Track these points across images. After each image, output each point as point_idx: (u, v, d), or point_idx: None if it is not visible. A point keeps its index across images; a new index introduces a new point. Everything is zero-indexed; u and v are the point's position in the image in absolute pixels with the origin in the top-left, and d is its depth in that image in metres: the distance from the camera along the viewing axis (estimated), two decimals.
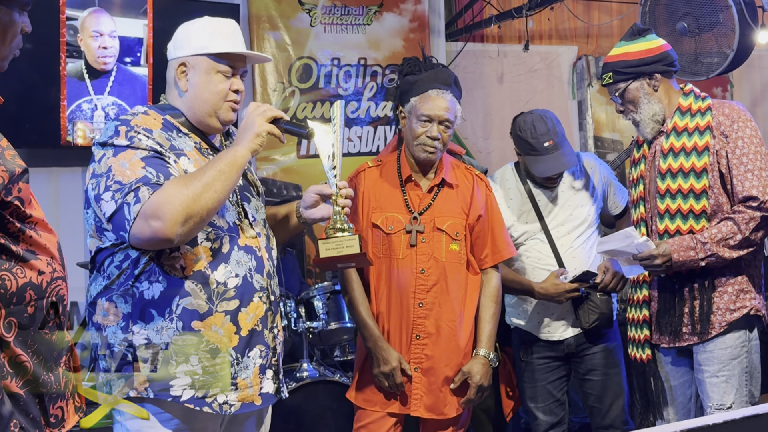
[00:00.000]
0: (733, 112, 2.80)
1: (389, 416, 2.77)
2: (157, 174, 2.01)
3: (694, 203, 2.76)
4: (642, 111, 2.88)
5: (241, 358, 2.14)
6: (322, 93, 5.39)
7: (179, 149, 2.12)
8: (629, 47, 2.92)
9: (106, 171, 2.02)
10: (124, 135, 2.05)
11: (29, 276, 1.59)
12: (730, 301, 2.77)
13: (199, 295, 2.08)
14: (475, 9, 5.84)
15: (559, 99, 6.09)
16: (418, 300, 2.75)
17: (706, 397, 2.80)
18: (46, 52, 4.30)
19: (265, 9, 5.26)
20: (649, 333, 2.90)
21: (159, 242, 1.99)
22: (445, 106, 2.76)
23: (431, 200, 2.80)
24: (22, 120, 4.31)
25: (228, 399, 2.12)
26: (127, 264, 2.07)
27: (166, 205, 1.94)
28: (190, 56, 2.18)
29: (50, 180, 4.66)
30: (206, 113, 2.19)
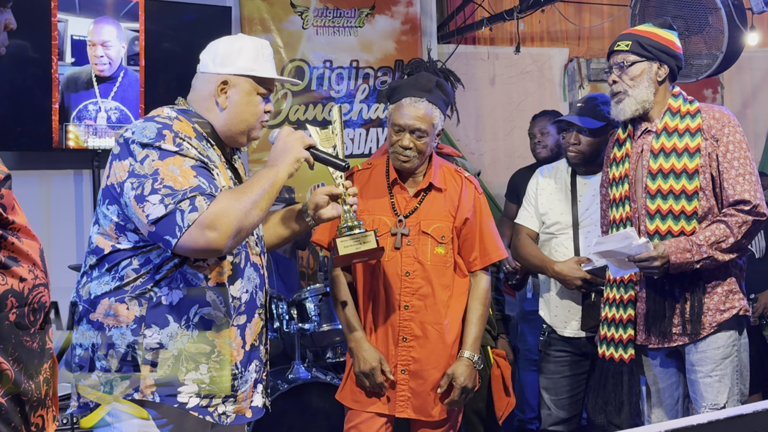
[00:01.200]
0: (723, 117, 2.80)
1: (378, 416, 2.77)
2: (209, 185, 2.04)
3: (686, 204, 2.75)
4: (636, 90, 2.84)
5: (243, 372, 2.18)
6: (315, 95, 5.39)
7: (212, 161, 2.16)
8: (658, 31, 2.89)
9: (151, 173, 2.01)
10: (171, 140, 2.06)
11: (10, 283, 1.58)
12: (720, 302, 2.78)
13: (218, 307, 2.12)
14: (467, 11, 5.85)
15: (550, 101, 6.11)
16: (403, 303, 2.75)
17: (700, 397, 2.80)
18: (37, 56, 4.30)
19: (257, 11, 5.26)
20: (634, 333, 2.88)
21: (209, 252, 2.03)
22: (417, 114, 2.72)
23: (417, 204, 2.80)
24: (13, 123, 4.31)
25: (226, 410, 2.15)
26: (147, 268, 2.08)
27: (223, 217, 1.98)
28: (233, 75, 2.22)
29: (42, 183, 4.66)
30: (241, 131, 2.25)
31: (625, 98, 2.86)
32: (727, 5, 3.80)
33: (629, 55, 2.86)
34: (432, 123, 2.75)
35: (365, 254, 2.52)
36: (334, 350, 4.17)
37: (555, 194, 3.51)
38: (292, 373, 3.84)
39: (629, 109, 2.85)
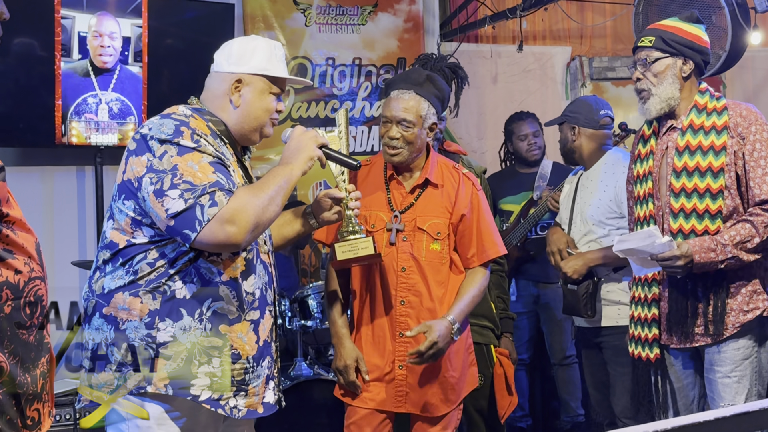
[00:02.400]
0: (750, 114, 2.77)
1: (378, 412, 2.78)
2: (227, 180, 2.08)
3: (710, 203, 2.72)
4: (661, 87, 2.81)
5: (255, 367, 2.21)
6: (317, 93, 5.39)
7: (227, 158, 2.19)
8: (683, 25, 2.85)
9: (170, 168, 2.05)
10: (189, 137, 2.10)
11: (5, 275, 1.59)
12: (744, 303, 2.74)
13: (231, 301, 2.15)
14: (470, 9, 5.84)
15: (552, 99, 6.10)
16: (400, 298, 2.75)
17: (718, 397, 2.77)
18: (40, 53, 4.30)
19: (260, 9, 5.26)
20: (658, 332, 2.86)
21: (228, 246, 2.07)
22: (402, 106, 2.73)
23: (414, 200, 2.80)
24: (16, 120, 4.31)
25: (237, 404, 2.17)
26: (162, 262, 2.11)
27: (242, 212, 2.03)
28: (247, 74, 2.26)
29: (44, 179, 4.66)
30: (253, 128, 2.29)
31: (650, 97, 2.83)
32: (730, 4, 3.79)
33: (653, 51, 2.83)
34: (420, 114, 2.74)
35: (363, 259, 2.59)
36: None
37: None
38: (295, 369, 3.84)
39: (654, 108, 2.83)
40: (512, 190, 4.73)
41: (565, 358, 4.64)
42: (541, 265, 4.60)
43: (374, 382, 2.78)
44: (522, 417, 4.70)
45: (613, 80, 6.24)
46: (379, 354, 2.78)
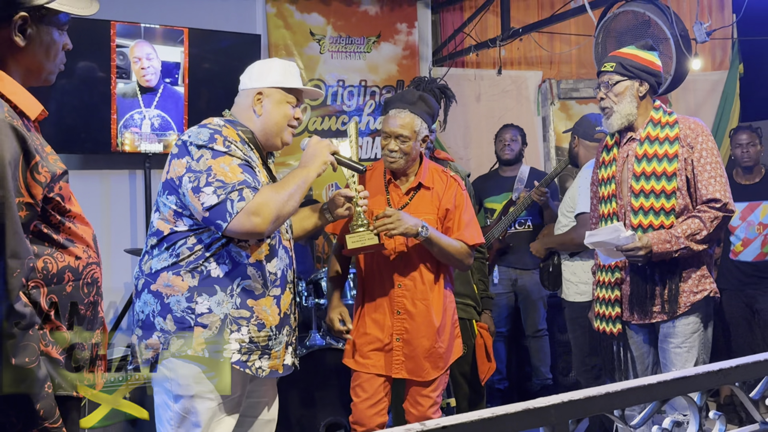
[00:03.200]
0: (698, 127, 2.77)
1: (378, 376, 2.78)
2: (254, 180, 2.11)
3: (665, 202, 2.72)
4: (621, 105, 2.81)
5: (277, 335, 2.22)
6: (330, 109, 5.39)
7: (254, 161, 2.21)
8: (639, 52, 2.86)
9: (206, 169, 2.07)
10: (222, 143, 2.12)
11: (68, 260, 1.61)
12: (694, 285, 2.75)
13: (257, 279, 2.17)
14: (457, 40, 5.84)
15: (526, 115, 6.09)
16: (397, 282, 2.76)
17: (670, 364, 2.78)
18: (100, 75, 4.31)
19: (282, 39, 5.26)
20: (620, 311, 2.86)
21: (254, 234, 2.09)
22: (399, 123, 2.72)
23: (408, 200, 2.80)
24: (78, 131, 4.32)
25: (262, 365, 2.19)
26: (199, 247, 2.13)
27: (265, 206, 2.05)
28: (266, 87, 2.29)
29: (102, 181, 4.67)
30: (274, 134, 2.30)
31: (612, 114, 2.84)
32: (675, 36, 3.79)
33: (614, 75, 2.83)
34: (414, 130, 2.74)
35: (369, 248, 2.60)
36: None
37: None
38: (310, 340, 3.84)
39: (616, 123, 2.84)
40: (495, 190, 4.74)
41: (538, 331, 4.66)
42: (519, 255, 4.61)
43: (375, 351, 2.78)
44: (500, 380, 4.71)
45: (577, 99, 6.23)
46: (379, 328, 2.78)
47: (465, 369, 3.37)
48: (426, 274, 2.77)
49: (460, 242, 2.75)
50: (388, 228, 2.58)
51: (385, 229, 2.58)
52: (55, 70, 1.70)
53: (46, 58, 1.65)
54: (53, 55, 1.67)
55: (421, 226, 2.62)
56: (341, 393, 3.50)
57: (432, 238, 2.65)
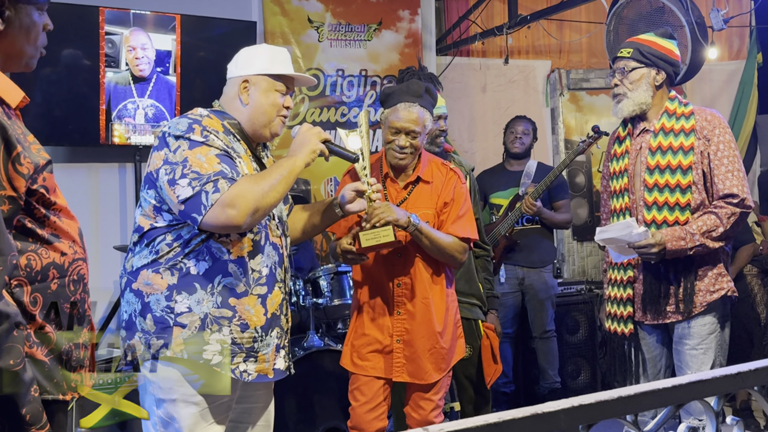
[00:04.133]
0: (714, 119, 2.76)
1: (377, 380, 2.78)
2: (231, 170, 2.07)
3: (680, 197, 2.71)
4: (635, 93, 2.79)
5: (264, 336, 2.19)
6: (328, 100, 5.39)
7: (237, 152, 2.18)
8: (658, 40, 2.85)
9: (182, 160, 2.06)
10: (199, 133, 2.10)
11: (53, 257, 1.60)
12: (710, 284, 2.74)
13: (239, 277, 2.13)
14: (462, 27, 5.83)
15: (534, 107, 6.09)
16: (397, 281, 2.75)
17: (686, 366, 2.77)
18: (88, 64, 4.30)
19: (278, 26, 5.25)
20: (632, 310, 2.85)
21: (230, 228, 2.06)
22: (411, 118, 2.70)
23: (407, 194, 2.79)
24: (65, 122, 4.31)
25: (247, 369, 2.16)
26: (178, 243, 2.11)
27: (241, 197, 2.01)
28: (252, 75, 2.26)
29: (90, 175, 4.66)
30: (263, 124, 2.26)
31: (623, 99, 2.82)
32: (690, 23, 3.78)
33: (630, 61, 2.82)
34: (424, 125, 2.74)
35: (383, 246, 2.57)
36: (344, 322, 4.18)
37: None
38: (307, 341, 3.84)
39: (626, 109, 2.82)
40: (501, 186, 4.74)
41: (545, 332, 4.65)
42: (526, 252, 4.62)
43: (375, 353, 2.77)
44: (506, 383, 4.71)
45: (588, 90, 6.23)
46: (379, 329, 2.78)
47: (470, 371, 3.37)
48: (426, 272, 2.76)
49: (452, 237, 2.74)
50: (377, 215, 2.54)
51: (376, 216, 2.54)
52: (36, 54, 1.66)
53: (27, 41, 1.62)
54: (34, 37, 1.64)
55: (409, 217, 2.61)
56: (340, 396, 3.51)
57: (422, 230, 2.64)
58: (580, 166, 6.10)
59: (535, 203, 4.31)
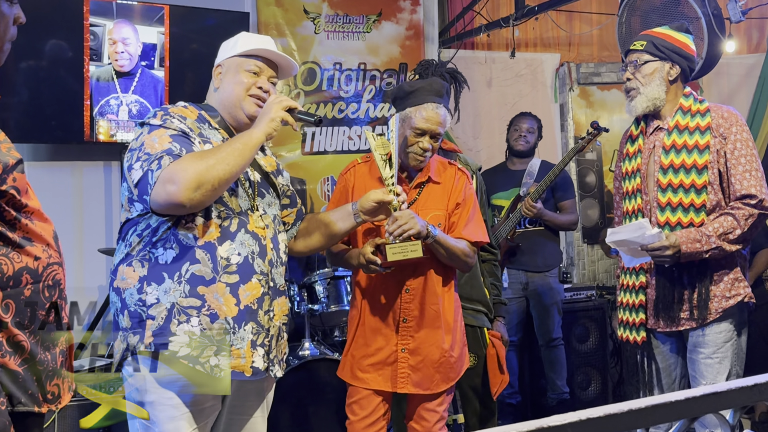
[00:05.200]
0: (731, 116, 2.76)
1: (376, 394, 2.77)
2: (181, 148, 2.07)
3: (695, 197, 2.71)
4: (648, 88, 2.80)
5: (237, 329, 2.15)
6: (325, 95, 5.39)
7: (206, 137, 2.20)
8: (673, 33, 2.86)
9: (139, 146, 2.10)
10: (160, 117, 2.15)
11: (25, 261, 1.59)
12: (726, 289, 2.74)
13: (206, 263, 2.13)
14: (467, 18, 5.83)
15: (542, 102, 6.09)
16: (405, 286, 2.74)
17: (700, 376, 2.77)
18: (71, 57, 4.30)
19: (272, 17, 5.25)
20: (645, 317, 2.85)
21: (173, 206, 2.04)
22: (439, 120, 2.72)
23: (416, 195, 2.79)
24: (47, 117, 4.31)
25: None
26: (147, 232, 2.13)
27: (180, 171, 2.00)
28: (224, 59, 2.32)
29: (74, 173, 4.66)
30: (233, 104, 2.28)
31: (636, 96, 2.83)
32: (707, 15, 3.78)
33: (643, 54, 2.83)
34: (446, 126, 2.78)
35: (410, 261, 2.56)
36: (342, 329, 4.18)
37: None
38: (302, 349, 3.84)
39: (640, 106, 2.83)
40: (503, 186, 4.74)
41: (552, 340, 4.65)
42: (530, 256, 4.62)
43: (377, 365, 2.76)
44: (512, 394, 4.72)
45: (599, 85, 6.23)
46: (383, 338, 2.76)
47: (475, 382, 3.37)
48: (435, 277, 2.76)
49: (464, 242, 2.75)
50: (404, 229, 2.52)
51: (401, 231, 2.52)
52: (6, 48, 1.65)
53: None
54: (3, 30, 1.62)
55: (428, 228, 2.61)
56: (337, 408, 3.51)
57: (440, 240, 2.65)
58: (590, 165, 6.10)
59: (534, 205, 4.31)
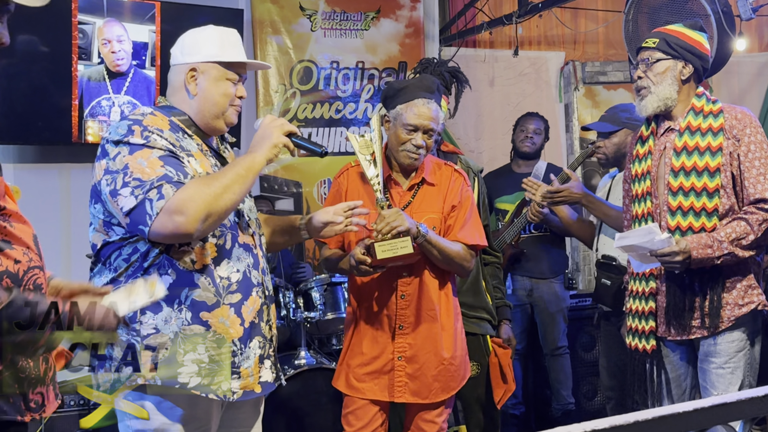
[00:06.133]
0: (745, 117, 2.75)
1: (373, 404, 2.77)
2: (177, 173, 2.04)
3: (707, 201, 2.70)
4: (660, 87, 2.80)
5: (243, 348, 2.16)
6: (322, 95, 5.39)
7: (187, 150, 2.15)
8: (687, 31, 2.85)
9: (122, 168, 2.02)
10: (140, 134, 2.06)
11: (5, 265, 1.58)
12: (739, 297, 2.73)
13: (208, 288, 2.10)
14: (468, 15, 5.84)
15: (546, 102, 6.10)
16: (400, 292, 2.75)
17: (711, 387, 2.76)
18: (59, 55, 4.30)
19: (267, 14, 5.26)
20: (655, 324, 2.84)
21: (180, 236, 2.02)
22: (430, 115, 2.73)
23: (411, 197, 2.80)
24: (34, 119, 4.32)
25: (231, 386, 2.13)
26: (136, 257, 2.09)
27: (189, 202, 1.97)
28: (201, 62, 2.22)
29: (62, 176, 4.66)
30: (214, 115, 2.22)
31: (647, 95, 2.82)
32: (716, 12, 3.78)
33: (655, 52, 2.82)
34: (439, 122, 2.77)
35: (400, 258, 2.54)
36: (339, 338, 4.18)
37: None
38: (298, 358, 3.85)
39: (651, 106, 2.82)
40: (507, 189, 4.73)
41: (557, 348, 4.66)
42: (535, 262, 4.62)
43: (373, 373, 2.77)
44: (515, 404, 4.71)
45: (605, 84, 6.24)
46: (379, 346, 2.77)
47: (478, 392, 3.37)
48: (432, 282, 2.76)
49: (460, 244, 2.75)
50: (392, 226, 2.53)
51: (389, 228, 2.53)
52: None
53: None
54: None
55: (418, 226, 2.62)
56: (333, 419, 3.51)
57: (431, 240, 2.65)
58: (596, 167, 6.11)
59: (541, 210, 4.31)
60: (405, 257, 2.55)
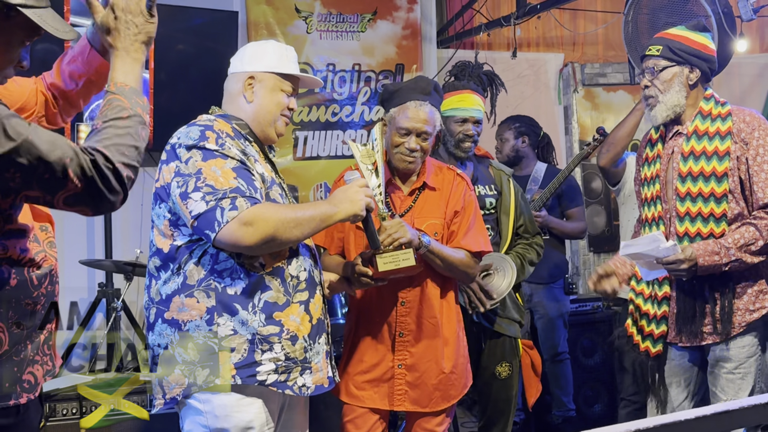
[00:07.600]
0: (754, 120, 2.75)
1: (373, 412, 2.77)
2: (248, 186, 2.12)
3: (715, 207, 2.71)
4: (668, 95, 2.80)
5: (313, 344, 2.26)
6: (318, 98, 5.40)
7: (252, 155, 2.24)
8: (689, 34, 2.84)
9: (195, 172, 2.10)
10: (214, 141, 2.15)
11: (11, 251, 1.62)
12: (750, 302, 2.73)
13: (278, 288, 2.19)
14: (466, 17, 5.85)
15: (545, 104, 6.11)
16: (401, 299, 2.74)
17: (721, 392, 2.76)
18: (50, 57, 4.30)
19: (263, 16, 5.26)
20: (666, 329, 2.84)
21: (238, 247, 2.10)
22: (423, 118, 2.72)
23: (412, 202, 2.80)
24: None
25: (305, 382, 2.23)
26: (206, 259, 2.16)
27: (262, 219, 2.07)
28: (259, 71, 2.33)
29: None
30: (267, 122, 2.33)
31: (656, 104, 2.82)
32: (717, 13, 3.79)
33: (660, 60, 2.82)
34: (434, 125, 2.76)
35: (402, 271, 2.54)
36: (336, 344, 4.17)
37: None
38: None
39: (660, 115, 2.82)
40: None
41: (557, 354, 4.65)
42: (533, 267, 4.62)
43: (373, 382, 2.76)
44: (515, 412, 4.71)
45: (604, 86, 6.25)
46: (379, 354, 2.76)
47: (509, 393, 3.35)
48: (433, 289, 2.76)
49: (464, 252, 2.75)
50: (394, 237, 2.52)
51: (391, 239, 2.52)
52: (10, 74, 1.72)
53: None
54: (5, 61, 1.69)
55: (420, 237, 2.61)
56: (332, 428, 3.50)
57: (434, 250, 2.65)
58: (596, 170, 6.11)
59: (539, 213, 4.32)
60: (407, 269, 2.54)
